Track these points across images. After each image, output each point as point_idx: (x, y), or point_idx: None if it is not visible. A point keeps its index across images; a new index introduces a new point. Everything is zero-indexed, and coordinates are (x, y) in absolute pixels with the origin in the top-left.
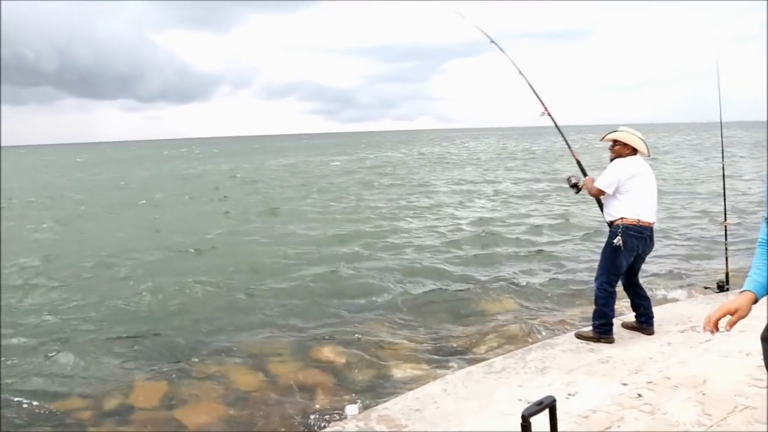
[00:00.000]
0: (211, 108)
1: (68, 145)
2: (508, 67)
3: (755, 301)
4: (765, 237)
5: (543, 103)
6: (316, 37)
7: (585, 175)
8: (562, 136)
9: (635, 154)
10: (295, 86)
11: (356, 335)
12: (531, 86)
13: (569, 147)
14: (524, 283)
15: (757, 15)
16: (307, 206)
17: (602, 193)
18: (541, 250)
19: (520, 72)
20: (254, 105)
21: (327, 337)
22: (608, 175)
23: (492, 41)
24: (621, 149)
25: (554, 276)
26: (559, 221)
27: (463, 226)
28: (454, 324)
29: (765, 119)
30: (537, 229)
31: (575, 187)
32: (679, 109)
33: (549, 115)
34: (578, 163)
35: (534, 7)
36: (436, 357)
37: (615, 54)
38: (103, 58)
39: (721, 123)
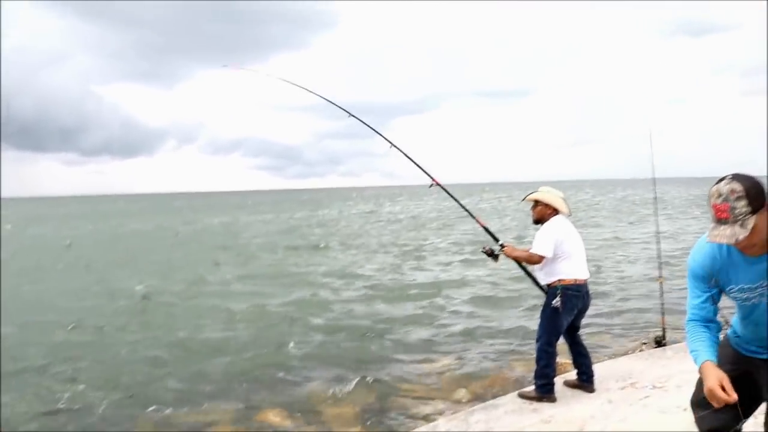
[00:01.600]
0: (156, 162)
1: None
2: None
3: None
4: (696, 316)
5: (430, 175)
6: (263, 94)
7: (496, 240)
8: (460, 204)
9: (556, 213)
10: (241, 142)
11: (297, 399)
12: (409, 157)
13: (471, 215)
14: (465, 344)
15: (687, 80)
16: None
17: (542, 259)
18: (481, 310)
19: (393, 145)
20: (200, 160)
21: (268, 402)
22: (546, 240)
23: (351, 115)
24: (543, 209)
25: (494, 335)
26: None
27: (394, 285)
28: (396, 386)
29: (696, 175)
30: (474, 288)
31: (492, 255)
32: (624, 165)
33: (439, 185)
34: (486, 229)
35: (478, 66)
36: (378, 421)
37: (556, 112)
38: (45, 109)
39: (654, 180)
